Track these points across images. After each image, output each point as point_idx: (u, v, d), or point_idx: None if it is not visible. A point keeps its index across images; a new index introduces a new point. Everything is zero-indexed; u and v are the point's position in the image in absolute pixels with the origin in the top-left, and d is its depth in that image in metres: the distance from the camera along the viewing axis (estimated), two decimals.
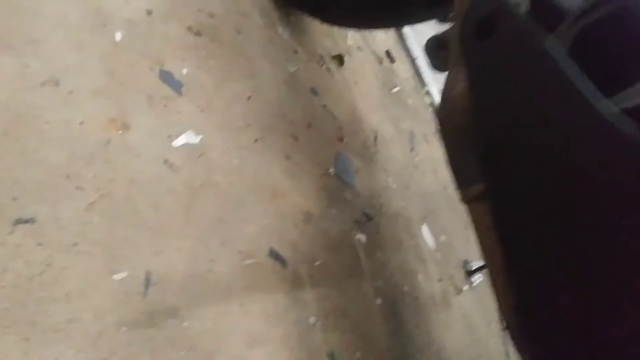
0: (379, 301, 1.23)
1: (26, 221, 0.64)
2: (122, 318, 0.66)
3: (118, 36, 0.93)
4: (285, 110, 1.35)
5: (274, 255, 0.97)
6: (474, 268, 1.84)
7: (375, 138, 1.81)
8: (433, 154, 2.19)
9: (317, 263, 1.08)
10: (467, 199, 0.93)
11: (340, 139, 1.56)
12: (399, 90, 2.27)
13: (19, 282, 0.60)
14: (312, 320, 0.97)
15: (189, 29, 1.13)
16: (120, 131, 0.82)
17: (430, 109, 2.51)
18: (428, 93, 2.62)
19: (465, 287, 1.75)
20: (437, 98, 2.57)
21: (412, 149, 2.01)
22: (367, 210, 1.43)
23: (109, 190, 0.75)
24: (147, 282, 0.72)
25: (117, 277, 0.69)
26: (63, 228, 0.67)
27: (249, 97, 1.22)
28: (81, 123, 0.77)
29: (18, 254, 0.62)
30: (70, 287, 0.63)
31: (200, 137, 0.97)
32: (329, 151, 1.45)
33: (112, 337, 0.64)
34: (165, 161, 0.87)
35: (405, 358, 1.22)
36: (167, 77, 0.99)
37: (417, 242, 1.63)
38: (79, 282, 0.65)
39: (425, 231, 1.70)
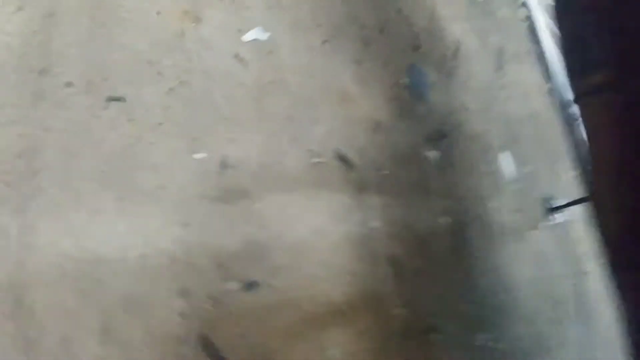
0: (446, 219, 1.18)
1: (117, 99, 0.70)
2: (202, 192, 0.72)
3: None
4: (357, 11, 1.24)
5: (341, 157, 0.96)
6: (557, 205, 1.65)
7: (457, 50, 1.59)
8: (525, 77, 1.89)
9: (384, 172, 1.05)
10: (584, 90, 0.78)
11: (416, 48, 1.41)
12: None
13: (114, 150, 0.68)
14: (376, 224, 0.97)
15: None
16: (194, 23, 0.83)
17: (525, 24, 2.13)
18: (524, 4, 2.21)
19: (544, 224, 1.59)
20: (534, 11, 2.16)
21: (499, 68, 1.76)
22: (441, 127, 1.32)
23: (186, 79, 0.78)
24: (223, 164, 0.76)
25: (197, 156, 0.74)
26: (149, 108, 0.72)
27: None
28: (158, 13, 0.79)
29: (112, 127, 0.69)
30: (157, 160, 0.70)
31: (268, 34, 0.94)
32: (402, 60, 1.33)
33: (194, 207, 0.70)
34: (236, 55, 0.87)
35: (466, 277, 1.19)
36: None
37: (495, 169, 1.50)
38: (164, 157, 0.71)
39: (506, 158, 1.54)
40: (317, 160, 0.91)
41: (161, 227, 0.66)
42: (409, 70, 1.32)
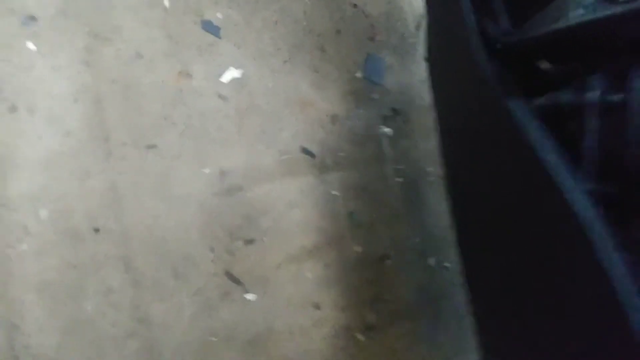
0: (399, 180, 1.57)
1: (152, 146, 1.16)
2: (213, 192, 1.19)
3: (166, 2, 1.27)
4: (312, 23, 1.53)
5: (305, 151, 1.37)
6: None
7: (419, 25, 1.81)
8: None
9: (341, 154, 1.45)
10: None
11: (372, 38, 1.67)
12: None
13: (158, 177, 1.15)
14: (335, 192, 1.39)
15: None
16: (186, 80, 1.24)
17: None
18: None
19: None
20: None
21: None
22: (395, 106, 1.65)
23: (190, 122, 1.21)
24: (222, 172, 1.22)
25: (205, 170, 1.20)
26: (171, 149, 1.18)
27: (275, 22, 1.46)
28: (162, 81, 1.21)
29: (153, 163, 1.15)
30: (182, 175, 1.17)
31: (240, 70, 1.33)
32: (358, 54, 1.61)
33: (211, 202, 1.18)
34: (219, 95, 1.27)
35: (421, 221, 1.59)
36: (207, 26, 1.32)
37: None
38: (186, 174, 1.18)
39: None
40: (286, 157, 1.33)
41: (193, 216, 1.15)
42: (365, 61, 1.61)
